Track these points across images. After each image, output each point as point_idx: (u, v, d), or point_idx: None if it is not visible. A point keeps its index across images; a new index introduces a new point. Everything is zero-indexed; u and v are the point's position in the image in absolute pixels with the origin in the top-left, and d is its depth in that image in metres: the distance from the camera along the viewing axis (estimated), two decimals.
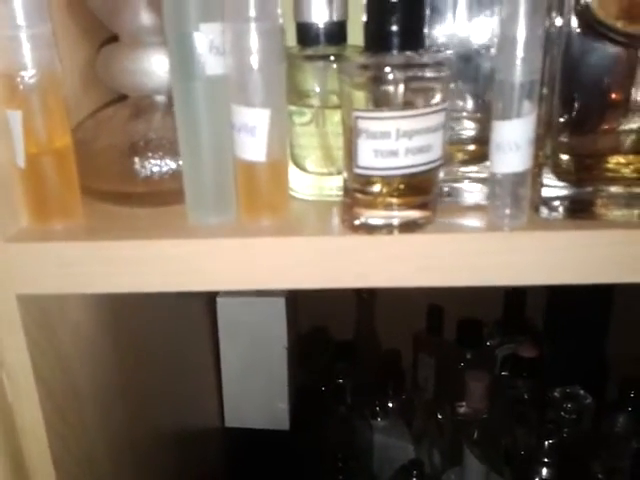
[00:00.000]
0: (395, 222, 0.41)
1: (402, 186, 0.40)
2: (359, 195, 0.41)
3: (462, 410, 0.86)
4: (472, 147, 0.47)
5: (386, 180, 0.40)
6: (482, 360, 0.95)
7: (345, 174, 0.42)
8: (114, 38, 0.49)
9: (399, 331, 1.00)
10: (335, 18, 0.45)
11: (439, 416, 0.92)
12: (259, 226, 0.43)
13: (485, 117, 0.46)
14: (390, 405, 0.96)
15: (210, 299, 0.87)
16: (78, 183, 0.44)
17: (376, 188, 0.40)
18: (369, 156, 0.39)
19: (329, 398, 0.88)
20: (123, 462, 0.60)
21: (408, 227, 0.41)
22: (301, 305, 0.96)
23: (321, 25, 0.45)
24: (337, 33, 0.45)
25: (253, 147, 0.41)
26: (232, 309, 0.86)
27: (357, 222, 0.41)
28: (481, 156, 0.46)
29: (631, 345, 0.90)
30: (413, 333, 1.01)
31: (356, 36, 0.46)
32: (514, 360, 0.92)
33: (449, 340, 0.98)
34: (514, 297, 0.98)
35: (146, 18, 0.46)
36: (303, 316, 0.99)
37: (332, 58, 0.45)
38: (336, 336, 1.03)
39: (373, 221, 0.41)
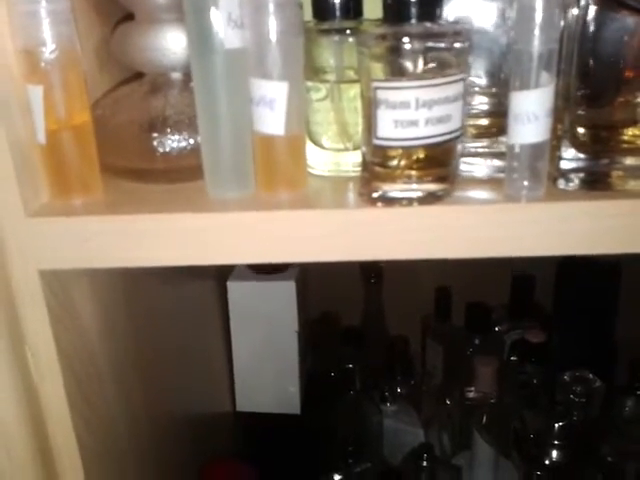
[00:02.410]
0: (414, 195, 0.41)
1: (421, 158, 0.40)
2: (378, 168, 0.41)
3: (471, 395, 0.87)
4: (484, 121, 0.47)
5: (405, 152, 0.40)
6: (490, 345, 0.95)
7: (364, 147, 0.42)
8: (129, 17, 0.49)
9: (407, 316, 1.00)
10: None
11: (448, 401, 0.92)
12: (277, 200, 0.43)
13: (497, 91, 0.46)
14: (399, 390, 0.97)
15: (221, 283, 0.87)
16: (97, 159, 0.44)
17: (395, 161, 0.41)
18: (389, 127, 0.39)
19: (339, 383, 0.89)
20: (141, 442, 0.61)
21: (427, 199, 0.41)
22: (309, 290, 0.97)
23: None
24: (353, 7, 0.45)
25: (272, 120, 0.41)
26: (242, 293, 0.86)
27: (375, 195, 0.42)
28: (493, 130, 0.46)
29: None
30: (421, 318, 1.02)
31: (372, 10, 0.46)
32: (522, 345, 0.92)
33: (457, 325, 0.99)
34: (522, 282, 0.99)
35: None
36: (311, 301, 0.99)
37: (348, 32, 0.45)
38: (344, 321, 1.03)
39: (392, 194, 0.41)
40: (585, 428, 0.82)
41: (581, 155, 0.43)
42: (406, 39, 0.38)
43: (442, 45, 0.39)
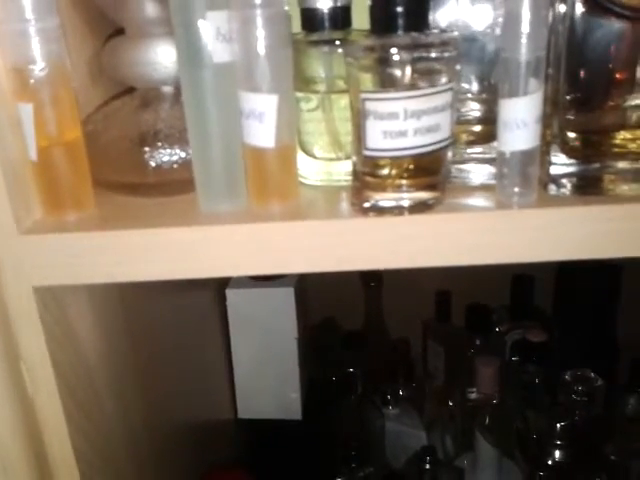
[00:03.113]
0: (405, 203, 0.41)
1: (411, 167, 0.40)
2: (368, 178, 0.41)
3: (473, 396, 0.87)
4: (478, 128, 0.47)
5: (395, 162, 0.40)
6: (491, 346, 0.95)
7: (354, 157, 0.42)
8: (119, 32, 0.50)
9: (408, 319, 1.00)
10: (339, 3, 0.45)
11: (450, 403, 0.92)
12: (269, 211, 0.44)
13: (490, 98, 0.46)
14: (401, 393, 0.97)
15: (219, 291, 0.87)
16: (89, 174, 0.45)
17: (385, 170, 0.41)
18: (378, 137, 0.39)
19: (340, 387, 0.89)
20: (140, 453, 0.61)
21: (418, 208, 0.41)
22: (309, 296, 0.97)
23: (325, 10, 0.45)
24: (342, 18, 0.46)
25: (261, 133, 0.41)
26: (241, 300, 0.86)
27: (367, 205, 0.42)
28: (487, 137, 0.46)
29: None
30: (422, 320, 1.02)
31: (360, 21, 0.46)
32: (523, 345, 0.92)
33: (458, 326, 0.99)
34: (522, 282, 0.99)
35: (151, 10, 0.46)
36: (311, 306, 0.99)
37: (337, 43, 0.46)
38: (345, 326, 1.03)
39: (383, 203, 0.41)
40: (587, 427, 0.82)
41: (572, 160, 0.43)
42: (394, 50, 0.38)
43: (430, 55, 0.39)
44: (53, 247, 0.43)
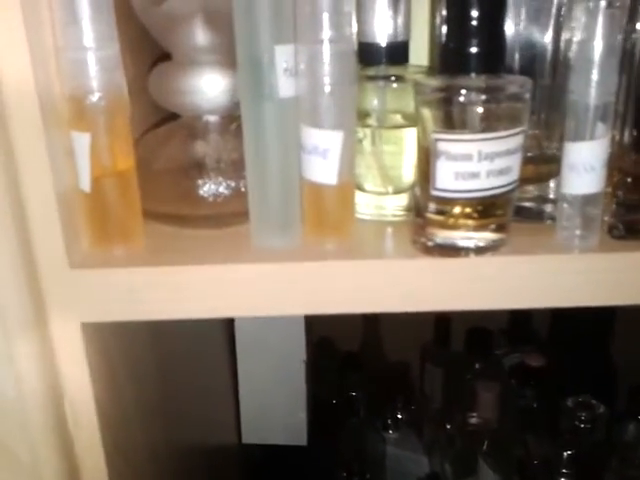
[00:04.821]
0: (472, 244, 0.40)
1: (480, 208, 0.40)
2: (433, 216, 0.41)
3: (473, 420, 0.87)
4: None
5: (463, 202, 0.40)
6: (490, 370, 0.95)
7: (418, 194, 0.41)
8: (163, 57, 0.48)
9: (405, 342, 1.00)
10: (398, 38, 0.45)
11: (448, 426, 0.92)
12: (325, 249, 0.42)
13: (539, 133, 0.46)
14: (400, 417, 0.96)
15: None
16: (140, 205, 0.43)
17: (452, 209, 0.40)
18: (449, 178, 0.39)
19: (341, 411, 0.88)
20: None
21: (484, 249, 0.41)
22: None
23: (383, 45, 0.45)
24: (399, 53, 0.45)
25: (324, 169, 0.41)
26: (250, 323, 0.85)
27: (431, 243, 0.41)
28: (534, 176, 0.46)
29: (636, 353, 0.91)
30: (420, 344, 1.01)
31: (417, 56, 0.46)
32: (521, 369, 0.92)
33: (456, 350, 0.99)
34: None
35: (201, 37, 0.45)
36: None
37: (393, 78, 0.45)
38: (343, 348, 1.02)
39: (448, 242, 0.41)
40: (590, 454, 0.83)
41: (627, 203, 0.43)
42: (464, 92, 0.38)
43: (503, 97, 0.38)
44: (104, 282, 0.41)
